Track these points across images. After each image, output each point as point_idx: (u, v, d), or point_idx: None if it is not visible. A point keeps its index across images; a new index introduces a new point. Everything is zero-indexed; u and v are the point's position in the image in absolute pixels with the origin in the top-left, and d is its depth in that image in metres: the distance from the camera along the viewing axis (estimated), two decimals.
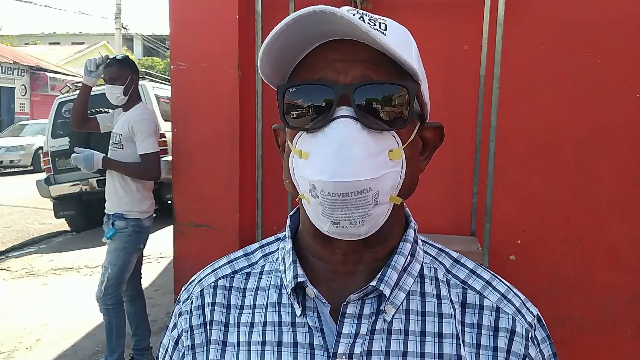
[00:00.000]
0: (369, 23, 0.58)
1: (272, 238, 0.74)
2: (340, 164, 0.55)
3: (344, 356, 0.60)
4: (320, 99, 0.58)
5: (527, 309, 0.66)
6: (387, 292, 0.61)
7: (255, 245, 0.74)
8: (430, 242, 0.71)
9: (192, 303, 0.69)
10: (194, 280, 0.73)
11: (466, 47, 2.60)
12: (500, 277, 0.68)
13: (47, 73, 21.82)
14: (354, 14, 0.57)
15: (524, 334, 0.63)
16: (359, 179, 0.55)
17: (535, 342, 0.64)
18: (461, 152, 2.62)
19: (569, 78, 2.53)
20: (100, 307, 3.11)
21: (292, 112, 0.60)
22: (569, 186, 2.57)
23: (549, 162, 2.58)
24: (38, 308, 4.59)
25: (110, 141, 3.19)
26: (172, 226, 2.93)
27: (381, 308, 0.62)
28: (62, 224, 7.87)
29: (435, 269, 0.67)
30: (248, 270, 0.70)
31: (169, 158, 3.08)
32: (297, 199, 0.63)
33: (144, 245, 3.21)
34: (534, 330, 0.64)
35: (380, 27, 0.59)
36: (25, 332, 4.05)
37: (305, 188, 0.59)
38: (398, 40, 0.58)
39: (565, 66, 2.52)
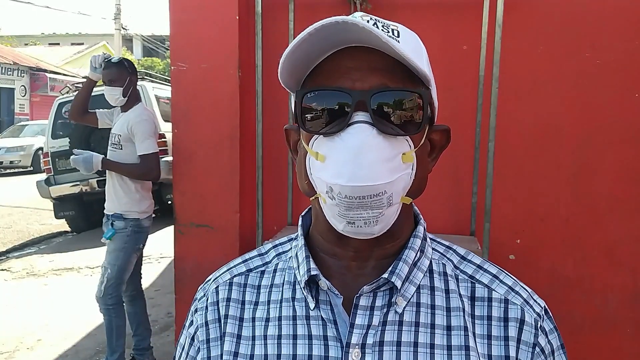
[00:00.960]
0: (382, 30, 0.59)
1: (285, 239, 0.76)
2: (357, 169, 0.57)
3: (357, 346, 0.62)
4: (338, 104, 0.60)
5: (535, 300, 0.68)
6: (398, 283, 0.63)
7: (269, 245, 0.76)
8: (438, 239, 0.73)
9: (207, 300, 0.72)
10: (210, 279, 0.75)
11: (465, 48, 2.61)
12: (506, 272, 0.71)
13: (46, 74, 21.81)
14: (368, 21, 0.59)
15: (533, 323, 0.65)
16: (376, 183, 0.58)
17: (544, 332, 0.66)
18: (461, 152, 2.62)
19: (568, 78, 2.53)
20: (100, 308, 3.12)
21: (309, 116, 0.62)
22: (568, 186, 2.57)
23: (549, 162, 2.58)
24: (39, 308, 4.60)
25: (109, 142, 3.19)
26: (172, 226, 2.94)
27: (392, 300, 0.64)
28: (62, 225, 7.87)
29: (444, 265, 0.69)
30: (262, 268, 0.73)
31: (169, 158, 3.08)
32: (311, 199, 0.65)
33: (144, 245, 3.21)
34: (542, 321, 0.66)
35: (393, 33, 0.60)
36: (26, 333, 4.05)
37: (322, 189, 0.61)
38: (410, 46, 0.60)
39: (565, 66, 2.52)
